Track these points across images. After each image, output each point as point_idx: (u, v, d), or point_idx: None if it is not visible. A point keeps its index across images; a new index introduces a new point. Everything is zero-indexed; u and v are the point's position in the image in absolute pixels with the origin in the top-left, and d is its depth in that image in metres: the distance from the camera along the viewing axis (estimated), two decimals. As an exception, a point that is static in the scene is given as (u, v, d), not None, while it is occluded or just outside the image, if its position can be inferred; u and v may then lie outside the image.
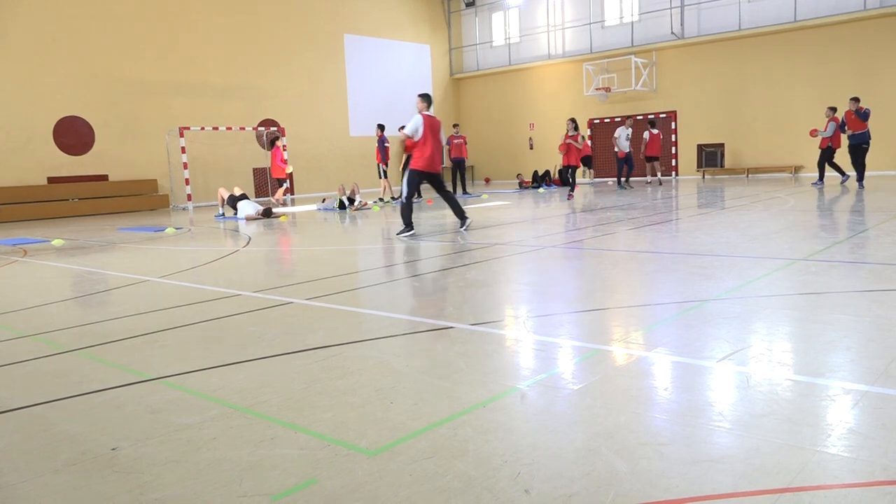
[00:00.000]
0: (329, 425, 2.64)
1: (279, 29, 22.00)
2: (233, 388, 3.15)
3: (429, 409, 2.76)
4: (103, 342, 4.14)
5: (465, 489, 2.08)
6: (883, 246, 6.37)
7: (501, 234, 9.04)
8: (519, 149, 26.56)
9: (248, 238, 10.11)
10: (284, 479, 2.21)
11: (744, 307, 4.25)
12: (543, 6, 25.34)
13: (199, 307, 5.06)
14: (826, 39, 19.43)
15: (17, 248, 10.14)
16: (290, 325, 4.33)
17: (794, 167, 20.18)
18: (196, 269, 7.08)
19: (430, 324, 4.17)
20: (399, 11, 25.99)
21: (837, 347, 3.34)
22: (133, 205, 18.32)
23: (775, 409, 2.58)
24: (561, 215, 11.56)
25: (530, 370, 3.29)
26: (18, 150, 16.83)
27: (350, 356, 3.58)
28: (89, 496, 2.17)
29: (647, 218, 10.23)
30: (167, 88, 19.37)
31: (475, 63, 27.84)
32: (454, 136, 18.43)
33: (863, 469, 2.10)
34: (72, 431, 2.72)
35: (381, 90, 25.21)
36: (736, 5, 20.87)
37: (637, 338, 3.73)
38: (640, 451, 2.29)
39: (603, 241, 7.81)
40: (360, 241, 9.45)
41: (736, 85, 21.23)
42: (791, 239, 7.20)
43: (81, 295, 6.06)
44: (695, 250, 6.65)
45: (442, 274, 6.24)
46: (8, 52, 16.60)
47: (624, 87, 22.87)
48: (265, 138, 21.28)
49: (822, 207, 10.52)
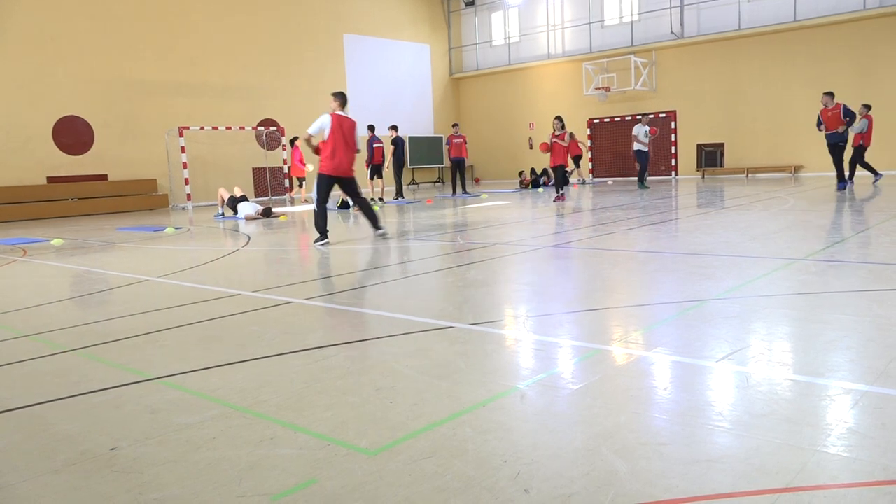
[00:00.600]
0: (329, 425, 2.64)
1: (279, 29, 22.00)
2: (232, 387, 3.15)
3: (428, 409, 2.76)
4: (103, 342, 4.14)
5: (465, 489, 2.08)
6: (883, 246, 6.37)
7: (501, 233, 9.04)
8: (519, 149, 26.55)
9: (247, 238, 10.11)
10: (284, 478, 2.21)
11: (743, 307, 4.25)
12: (543, 6, 25.34)
13: (198, 307, 5.06)
14: (825, 39, 19.43)
15: (17, 247, 10.13)
16: (290, 325, 4.33)
17: (794, 167, 20.18)
18: (196, 269, 7.08)
19: (429, 323, 4.16)
20: (399, 11, 25.99)
21: (837, 347, 3.34)
22: (132, 204, 18.32)
23: (775, 409, 2.58)
24: (561, 215, 11.56)
25: (530, 370, 3.29)
26: (18, 149, 16.83)
27: (350, 356, 3.58)
28: (89, 496, 2.17)
29: (646, 218, 10.23)
30: (167, 88, 19.37)
31: (475, 63, 27.84)
32: (453, 135, 18.40)
33: (862, 469, 2.10)
34: (71, 431, 2.72)
35: (381, 90, 25.22)
36: (735, 5, 20.87)
37: (637, 338, 3.73)
38: (639, 450, 2.29)
39: (602, 241, 7.81)
40: (360, 241, 9.44)
41: (735, 85, 21.23)
42: (791, 239, 7.20)
43: (81, 295, 6.06)
44: (695, 250, 6.65)
45: (441, 274, 6.23)
46: (7, 51, 16.59)
47: (623, 87, 22.87)
48: (264, 138, 21.29)
49: (822, 207, 10.52)
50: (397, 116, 25.06)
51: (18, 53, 16.76)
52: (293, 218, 13.67)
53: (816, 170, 19.90)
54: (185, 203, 18.77)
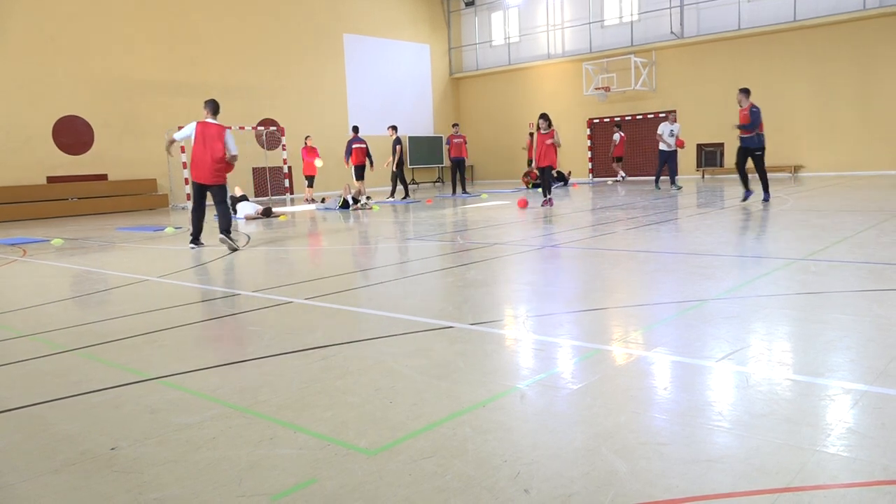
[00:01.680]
0: (328, 425, 2.64)
1: (279, 29, 21.99)
2: (232, 387, 3.15)
3: (428, 409, 2.75)
4: (102, 342, 4.14)
5: (465, 489, 2.08)
6: (883, 246, 6.37)
7: (501, 233, 9.04)
8: (518, 149, 26.53)
9: (247, 237, 10.11)
10: (284, 478, 2.21)
11: (743, 307, 4.25)
12: (543, 6, 25.33)
13: (198, 307, 5.06)
14: (825, 39, 19.42)
15: (17, 247, 10.13)
16: (290, 325, 4.33)
17: (794, 167, 20.18)
18: (195, 269, 7.08)
19: (429, 323, 4.16)
20: (399, 11, 25.99)
21: (837, 347, 3.34)
22: (132, 204, 18.31)
23: (775, 409, 2.58)
24: (561, 215, 11.56)
25: (530, 370, 3.29)
26: (18, 149, 16.82)
27: (349, 356, 3.58)
28: (88, 496, 2.17)
29: (646, 218, 10.23)
30: (167, 88, 19.36)
31: (475, 63, 27.83)
32: (453, 135, 18.33)
33: (862, 469, 2.10)
34: (71, 431, 2.72)
35: (381, 90, 25.22)
36: (735, 5, 20.86)
37: (637, 337, 3.73)
38: (639, 450, 2.29)
39: (602, 241, 7.81)
40: (360, 241, 9.44)
41: (736, 85, 21.06)
42: (791, 239, 7.20)
43: (80, 294, 6.05)
44: (695, 250, 6.65)
45: (441, 274, 6.23)
46: (7, 51, 16.59)
47: (623, 87, 22.86)
48: (264, 138, 21.29)
49: (822, 207, 10.52)
50: (397, 116, 25.06)
51: (18, 53, 16.75)
52: (293, 217, 13.67)
53: (816, 170, 19.91)
54: (184, 203, 18.75)
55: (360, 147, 16.58)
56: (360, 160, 16.58)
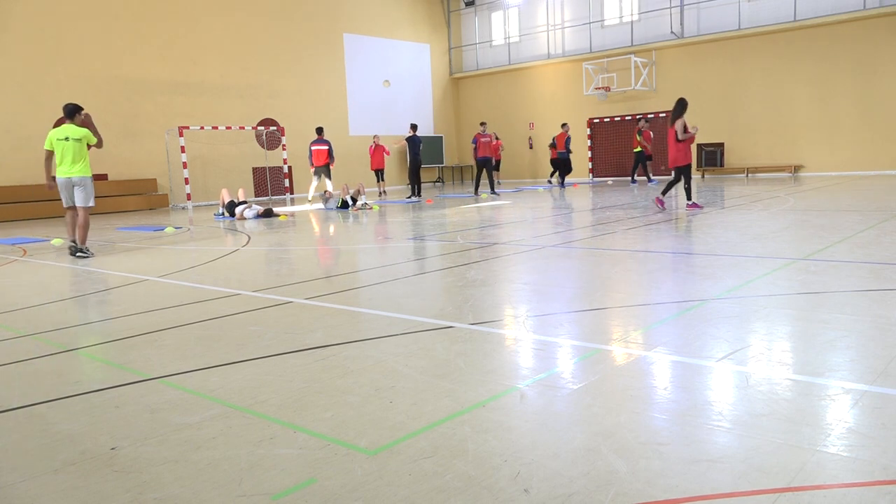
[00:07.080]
0: (328, 425, 2.64)
1: (279, 28, 21.99)
2: (232, 387, 3.15)
3: (428, 409, 2.75)
4: (102, 341, 4.14)
5: (465, 488, 2.08)
6: (882, 246, 6.37)
7: (501, 233, 9.04)
8: (519, 148, 26.55)
9: (247, 237, 10.11)
10: (284, 478, 2.21)
11: (743, 307, 4.25)
12: (543, 6, 25.33)
13: (198, 306, 5.06)
14: (826, 39, 19.42)
15: (17, 247, 10.13)
16: (290, 325, 4.33)
17: (794, 167, 20.18)
18: (195, 269, 7.07)
19: (429, 323, 4.16)
20: (398, 11, 25.98)
21: (837, 347, 3.34)
22: (132, 204, 18.31)
23: (775, 409, 2.58)
24: (561, 215, 11.56)
25: (530, 370, 3.29)
26: (18, 148, 16.81)
27: (349, 356, 3.58)
28: (88, 496, 2.17)
29: (646, 217, 10.22)
30: (167, 87, 19.36)
31: (475, 62, 27.83)
32: (481, 134, 17.76)
33: (862, 469, 2.10)
34: (71, 431, 2.72)
35: (381, 89, 25.22)
36: (735, 5, 20.86)
37: (636, 337, 3.73)
38: (639, 450, 2.29)
39: (602, 241, 7.81)
40: (360, 241, 9.44)
41: (735, 84, 21.22)
42: (791, 238, 7.20)
43: (81, 294, 6.06)
44: (694, 250, 6.65)
45: (441, 273, 6.23)
46: (7, 50, 16.59)
47: (623, 87, 22.87)
48: (264, 138, 21.28)
49: (822, 207, 10.52)
50: (397, 116, 25.07)
51: (19, 52, 16.75)
52: (293, 217, 13.67)
53: (817, 169, 19.91)
54: (184, 203, 18.77)
55: (318, 149, 16.58)
56: (322, 161, 16.61)
